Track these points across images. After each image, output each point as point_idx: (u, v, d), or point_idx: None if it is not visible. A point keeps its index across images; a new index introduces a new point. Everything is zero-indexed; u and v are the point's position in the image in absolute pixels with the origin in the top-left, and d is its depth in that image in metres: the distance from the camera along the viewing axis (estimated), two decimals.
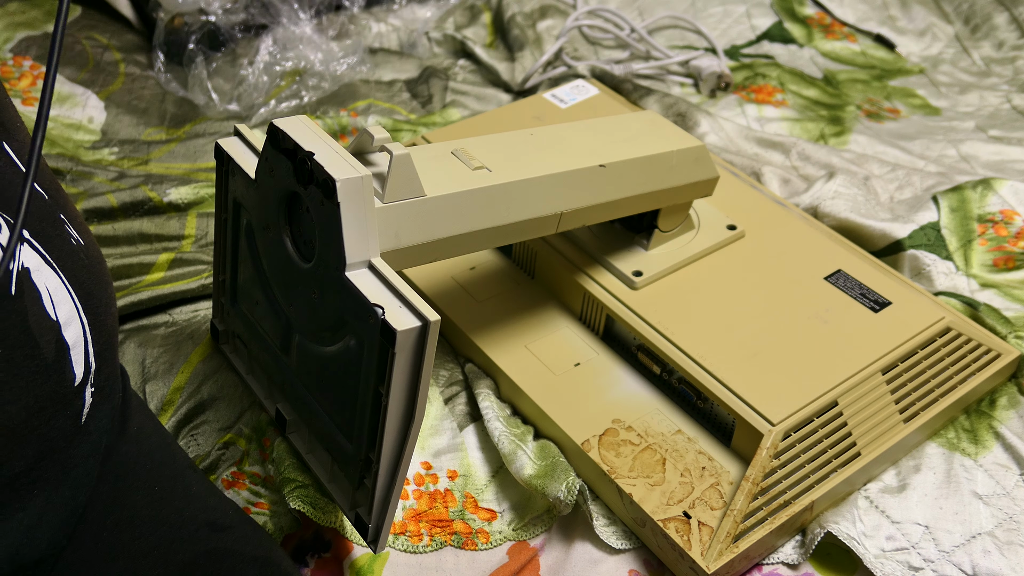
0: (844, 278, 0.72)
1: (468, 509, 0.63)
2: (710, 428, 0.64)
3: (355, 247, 0.50)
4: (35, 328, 0.47)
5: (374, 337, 0.49)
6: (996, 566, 0.58)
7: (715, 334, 0.66)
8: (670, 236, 0.73)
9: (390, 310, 0.48)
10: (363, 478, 0.55)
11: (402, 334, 0.47)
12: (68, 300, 0.50)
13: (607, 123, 0.70)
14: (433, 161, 0.58)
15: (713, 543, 0.56)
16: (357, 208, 0.50)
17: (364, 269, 0.51)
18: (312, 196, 0.51)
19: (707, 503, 0.59)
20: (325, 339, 0.55)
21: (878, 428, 0.63)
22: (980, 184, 0.84)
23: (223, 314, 0.68)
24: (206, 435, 0.67)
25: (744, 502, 0.57)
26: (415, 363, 0.49)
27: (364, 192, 0.50)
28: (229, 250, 0.64)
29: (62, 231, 0.52)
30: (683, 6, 1.25)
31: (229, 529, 0.56)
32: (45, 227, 0.51)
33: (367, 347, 0.50)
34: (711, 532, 0.57)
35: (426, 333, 0.48)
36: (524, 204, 0.60)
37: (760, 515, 0.58)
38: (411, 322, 0.48)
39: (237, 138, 0.61)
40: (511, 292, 0.74)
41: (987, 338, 0.70)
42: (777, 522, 0.58)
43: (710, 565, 0.55)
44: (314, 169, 0.50)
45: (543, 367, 0.68)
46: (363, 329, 0.50)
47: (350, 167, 0.50)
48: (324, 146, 0.51)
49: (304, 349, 0.58)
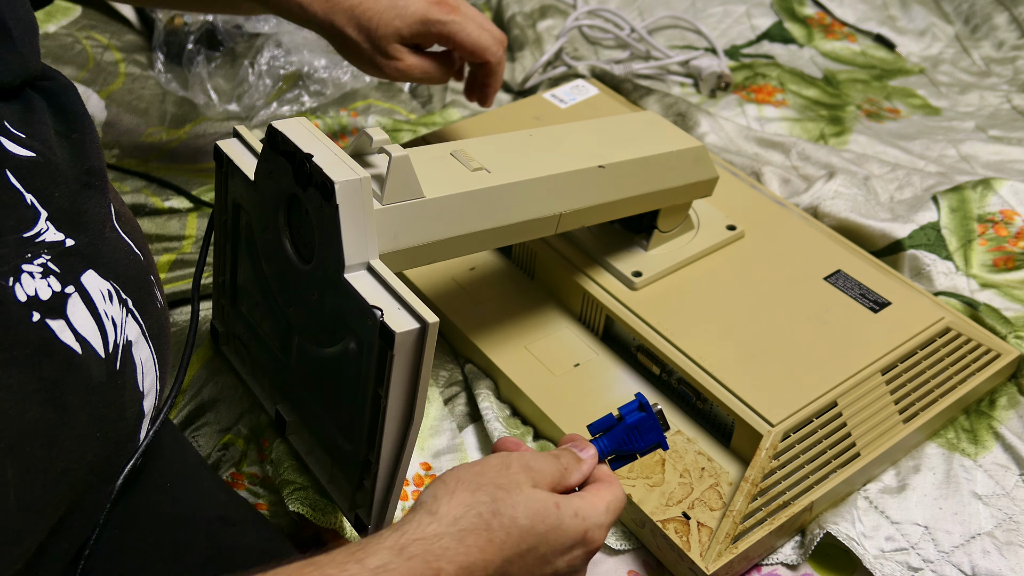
0: (844, 278, 0.72)
1: None
2: (709, 429, 0.64)
3: (354, 249, 0.50)
4: (128, 401, 0.49)
5: (373, 339, 0.49)
6: (995, 566, 0.58)
7: (715, 335, 0.66)
8: (670, 236, 0.73)
9: (389, 312, 0.48)
10: (363, 479, 0.55)
11: (401, 336, 0.47)
12: (152, 370, 0.52)
13: (606, 124, 0.70)
14: (432, 162, 0.58)
15: (712, 544, 0.56)
16: (356, 210, 0.50)
17: (363, 271, 0.51)
18: (311, 198, 0.51)
19: (706, 504, 0.59)
20: (324, 341, 0.55)
21: (878, 428, 0.63)
22: (980, 184, 0.84)
23: (223, 315, 0.68)
24: (207, 436, 0.67)
25: (743, 503, 0.57)
26: (414, 365, 0.49)
27: (363, 194, 0.50)
28: (229, 252, 0.64)
29: (153, 295, 0.54)
30: (683, 6, 1.25)
31: (239, 523, 0.56)
32: (143, 295, 0.52)
33: (366, 349, 0.50)
34: (710, 533, 0.57)
35: (424, 335, 0.48)
36: (523, 205, 0.60)
37: (759, 516, 0.58)
38: (409, 324, 0.48)
39: (236, 140, 0.61)
40: (511, 293, 0.75)
41: (987, 338, 0.70)
42: (776, 523, 0.58)
43: (709, 566, 0.55)
44: (313, 171, 0.50)
45: (543, 368, 0.68)
46: (362, 331, 0.50)
47: (349, 169, 0.50)
48: (323, 148, 0.51)
49: (303, 350, 0.58)
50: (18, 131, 0.48)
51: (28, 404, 0.42)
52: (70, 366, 0.45)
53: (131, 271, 0.52)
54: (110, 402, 0.47)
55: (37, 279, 0.45)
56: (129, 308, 0.50)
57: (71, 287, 0.47)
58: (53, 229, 0.48)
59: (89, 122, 0.53)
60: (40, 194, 0.48)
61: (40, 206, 0.47)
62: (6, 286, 0.44)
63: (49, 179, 0.48)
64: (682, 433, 0.64)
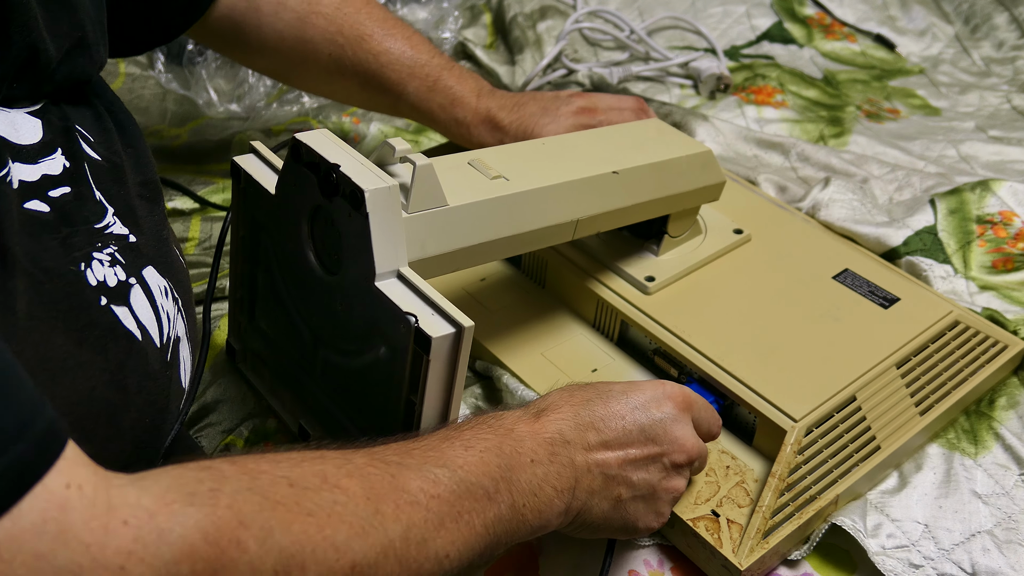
0: (852, 277, 0.73)
1: None
2: (730, 427, 0.64)
3: (384, 257, 0.51)
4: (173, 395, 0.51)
5: (407, 345, 0.49)
6: (995, 564, 0.59)
7: (731, 335, 0.67)
8: (679, 241, 0.74)
9: (423, 317, 0.49)
10: None
11: (437, 341, 0.48)
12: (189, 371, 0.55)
13: (615, 131, 0.71)
14: (451, 171, 0.59)
15: (744, 540, 0.57)
16: (385, 218, 0.50)
17: (393, 279, 0.51)
18: (339, 208, 0.51)
19: (734, 501, 0.59)
20: (351, 352, 0.55)
21: (896, 421, 0.64)
22: (979, 185, 0.85)
23: (240, 332, 0.68)
24: (210, 437, 0.67)
25: (772, 498, 0.58)
26: (449, 369, 0.49)
27: (392, 202, 0.50)
28: (247, 267, 0.64)
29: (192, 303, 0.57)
30: (683, 6, 1.25)
31: None
32: (188, 299, 0.56)
33: (399, 356, 0.50)
34: (740, 529, 0.57)
35: (460, 339, 0.48)
36: (542, 211, 0.61)
37: (788, 510, 0.58)
38: (445, 329, 0.48)
39: (253, 155, 0.61)
40: (523, 302, 0.75)
41: (993, 330, 0.72)
42: (805, 516, 0.58)
43: (742, 562, 0.56)
44: (340, 181, 0.50)
45: (561, 374, 0.69)
46: (395, 338, 0.50)
47: (377, 178, 0.50)
48: (348, 158, 0.52)
49: (329, 362, 0.58)
50: (90, 135, 0.51)
51: (97, 383, 0.44)
52: (131, 351, 0.47)
53: (180, 276, 0.54)
54: (162, 391, 0.49)
55: (106, 267, 0.48)
56: (180, 307, 0.53)
57: (134, 278, 0.49)
58: (120, 223, 0.50)
59: (143, 139, 0.57)
60: (107, 194, 0.51)
61: (107, 203, 0.50)
62: (79, 271, 0.46)
63: (115, 183, 0.51)
64: None
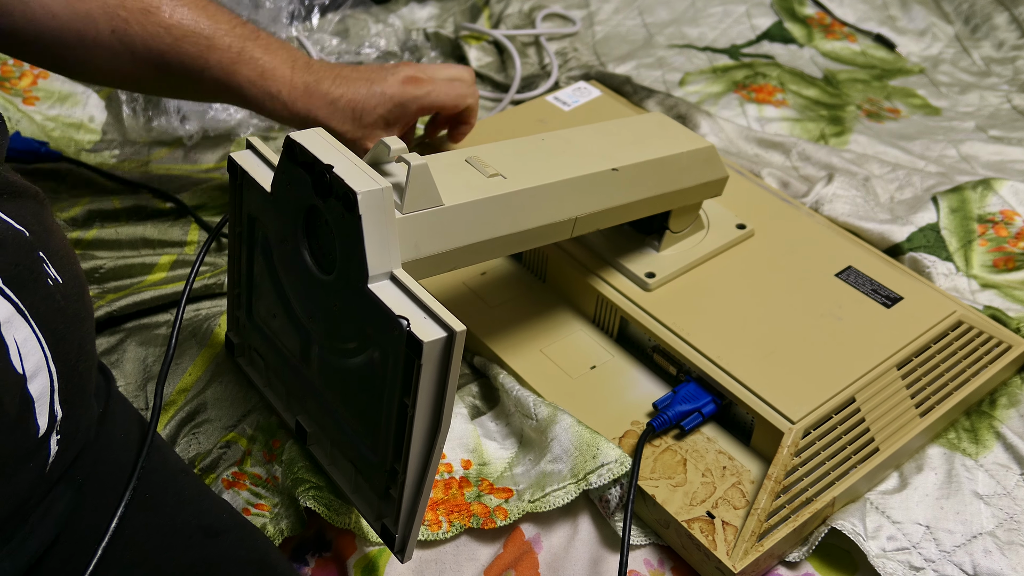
0: (855, 274, 0.72)
1: (484, 491, 0.63)
2: (728, 427, 0.64)
3: (377, 259, 0.50)
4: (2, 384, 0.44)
5: (399, 349, 0.49)
6: (997, 566, 0.58)
7: (730, 333, 0.67)
8: (681, 237, 0.73)
9: (415, 321, 0.48)
10: (388, 488, 0.55)
11: (428, 345, 0.47)
12: (37, 350, 0.47)
13: (615, 126, 0.71)
14: (448, 170, 0.58)
15: (738, 542, 0.56)
16: (378, 220, 0.50)
17: (386, 280, 0.51)
18: (332, 209, 0.51)
19: (730, 502, 0.59)
20: (346, 351, 0.55)
21: (895, 423, 0.64)
22: (980, 184, 0.85)
23: (238, 327, 0.68)
24: (207, 433, 0.67)
25: (767, 500, 0.58)
26: (441, 373, 0.49)
27: (385, 204, 0.50)
28: (244, 263, 0.63)
29: (39, 271, 0.49)
30: (683, 6, 1.25)
31: (224, 534, 0.55)
32: (21, 271, 0.48)
33: (392, 359, 0.50)
34: (735, 531, 0.57)
35: (452, 343, 0.48)
36: (540, 210, 0.60)
37: (783, 513, 0.58)
38: (437, 333, 0.48)
39: (250, 151, 0.61)
40: (523, 296, 0.75)
41: (997, 330, 0.71)
42: (800, 519, 0.58)
43: (736, 564, 0.55)
44: (333, 182, 0.50)
45: (559, 371, 0.68)
46: (387, 341, 0.50)
47: (370, 179, 0.50)
48: (342, 158, 0.51)
49: (324, 361, 0.58)
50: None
51: None
52: None
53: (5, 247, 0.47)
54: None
55: None
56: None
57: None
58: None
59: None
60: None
61: None
62: None
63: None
64: (701, 432, 0.64)
